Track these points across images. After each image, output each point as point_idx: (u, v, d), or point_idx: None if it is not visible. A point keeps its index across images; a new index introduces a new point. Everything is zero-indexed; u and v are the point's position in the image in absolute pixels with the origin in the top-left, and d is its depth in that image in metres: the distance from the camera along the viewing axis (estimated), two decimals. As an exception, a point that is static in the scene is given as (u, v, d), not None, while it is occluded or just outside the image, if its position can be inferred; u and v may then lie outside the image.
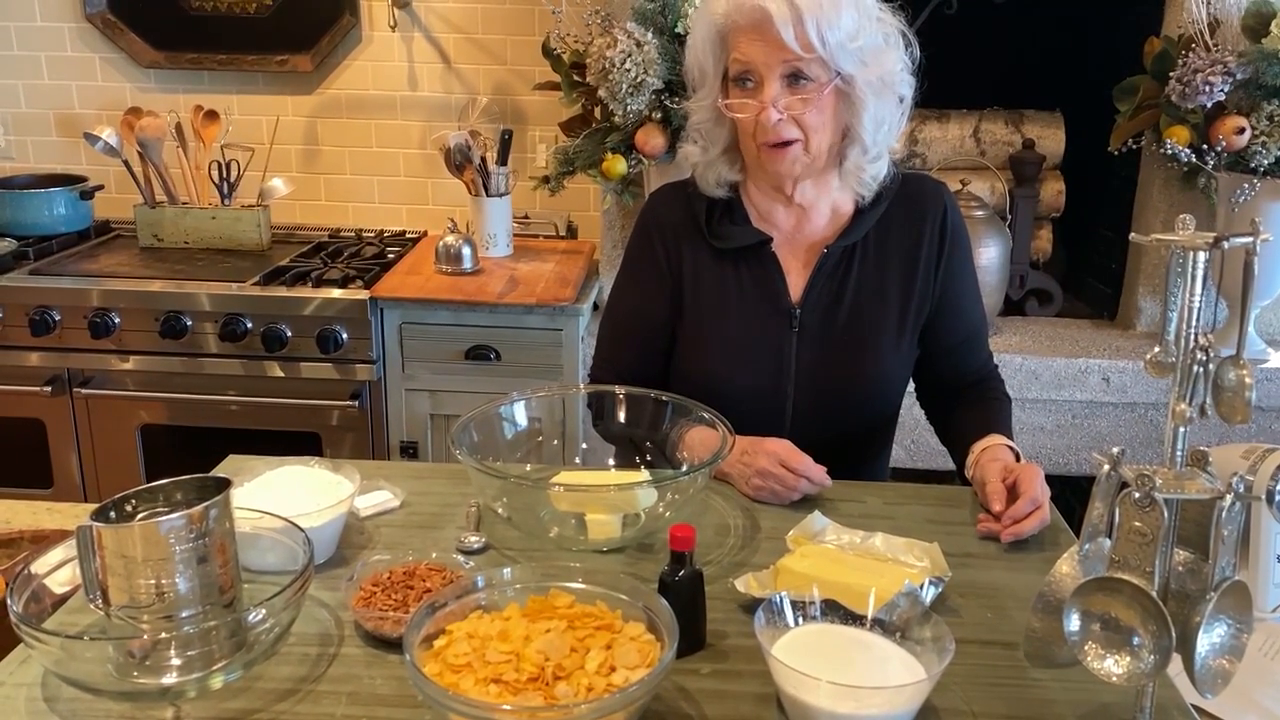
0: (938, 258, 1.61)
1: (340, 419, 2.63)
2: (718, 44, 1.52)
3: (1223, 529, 0.91)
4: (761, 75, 1.47)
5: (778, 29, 1.42)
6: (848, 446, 1.64)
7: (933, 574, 1.27)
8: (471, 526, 1.41)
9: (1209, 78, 2.25)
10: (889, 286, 1.61)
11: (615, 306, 1.73)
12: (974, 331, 1.69)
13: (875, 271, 1.60)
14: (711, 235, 1.62)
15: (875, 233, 1.60)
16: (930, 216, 1.61)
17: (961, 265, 1.64)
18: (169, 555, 1.07)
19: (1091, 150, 2.65)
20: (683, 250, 1.64)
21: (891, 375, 1.64)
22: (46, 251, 2.86)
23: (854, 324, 1.60)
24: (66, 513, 1.65)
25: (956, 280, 1.63)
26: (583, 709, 0.94)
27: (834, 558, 1.29)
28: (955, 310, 1.65)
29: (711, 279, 1.63)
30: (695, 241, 1.64)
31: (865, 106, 1.49)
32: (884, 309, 1.61)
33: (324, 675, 1.11)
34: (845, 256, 1.60)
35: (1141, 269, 2.64)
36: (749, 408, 1.57)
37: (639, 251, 1.69)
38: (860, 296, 1.60)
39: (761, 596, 1.16)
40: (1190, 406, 0.92)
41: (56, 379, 2.63)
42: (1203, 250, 0.90)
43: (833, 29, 1.43)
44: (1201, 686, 0.93)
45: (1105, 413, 2.54)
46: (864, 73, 1.47)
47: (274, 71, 3.10)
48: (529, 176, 2.79)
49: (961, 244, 1.64)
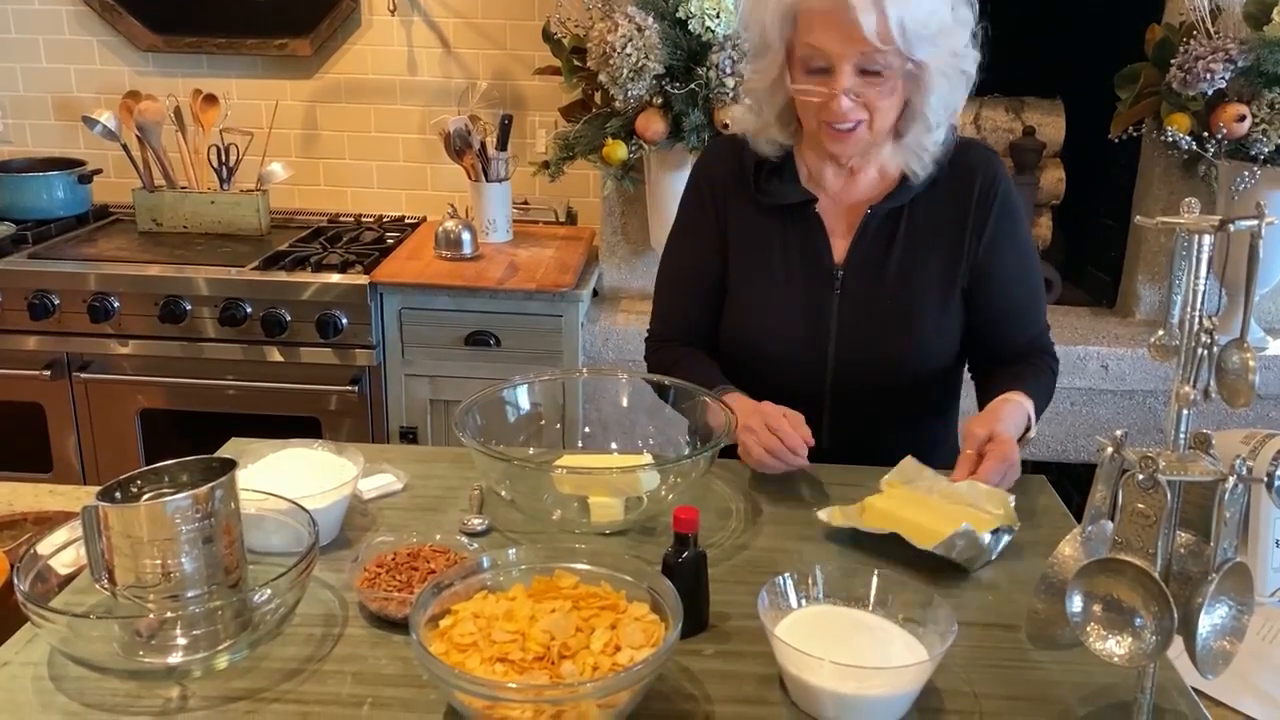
0: (981, 225, 1.57)
1: (340, 404, 2.63)
2: (788, 20, 1.46)
3: (1225, 511, 0.91)
4: (835, 64, 1.42)
5: (857, 16, 1.37)
6: (894, 415, 1.60)
7: (1004, 523, 1.32)
8: (475, 509, 1.41)
9: (1210, 65, 2.25)
10: (932, 251, 1.57)
11: (670, 262, 1.71)
12: (1020, 305, 1.63)
13: (920, 236, 1.57)
14: (758, 190, 1.60)
15: (922, 197, 1.56)
16: (978, 184, 1.57)
17: (1008, 236, 1.59)
18: (175, 535, 1.07)
19: (1092, 138, 2.65)
20: (729, 204, 1.62)
21: (933, 342, 1.60)
22: (45, 235, 2.85)
23: (898, 288, 1.57)
24: (69, 495, 1.65)
25: (1001, 251, 1.59)
26: (588, 688, 0.94)
27: (916, 500, 1.37)
28: (998, 281, 1.60)
29: (755, 235, 1.60)
30: (742, 196, 1.61)
31: (934, 89, 1.46)
32: (927, 274, 1.57)
33: (329, 655, 1.11)
34: (890, 219, 1.57)
35: (1141, 257, 2.64)
36: (789, 368, 1.56)
37: (691, 205, 1.67)
38: (905, 260, 1.57)
39: (843, 526, 1.33)
40: (1194, 389, 0.93)
41: (55, 363, 2.63)
42: (1208, 233, 0.90)
43: (911, 15, 1.38)
44: (1203, 667, 0.94)
45: (1104, 400, 2.54)
46: (935, 57, 1.43)
47: (273, 55, 3.09)
48: (529, 162, 2.79)
49: (1010, 215, 1.59)
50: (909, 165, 1.54)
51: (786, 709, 1.05)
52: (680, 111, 2.40)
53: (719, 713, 1.04)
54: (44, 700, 1.04)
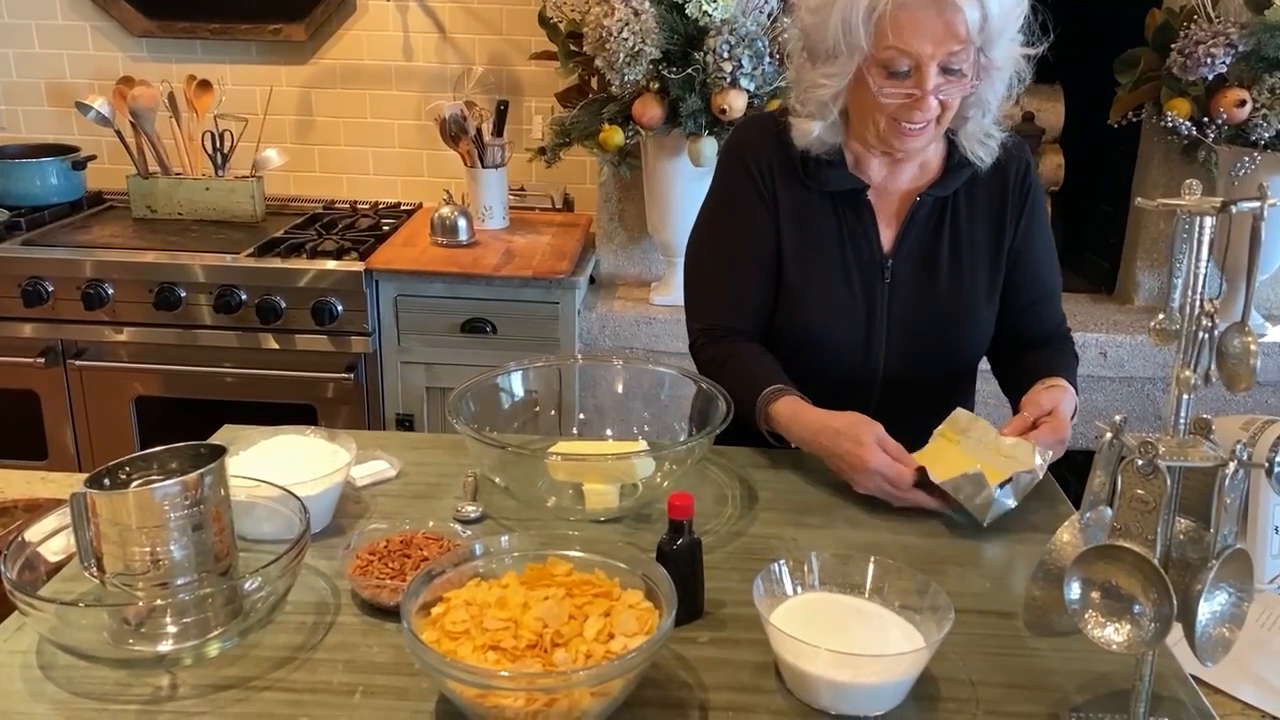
0: (1019, 213, 1.59)
1: (335, 391, 2.62)
2: (869, 25, 1.40)
3: (1225, 496, 0.90)
4: (923, 65, 1.40)
5: (960, 9, 1.36)
6: (936, 403, 1.56)
7: (1022, 468, 1.36)
8: (469, 496, 1.40)
9: (1210, 50, 2.24)
10: (979, 241, 1.58)
11: (718, 244, 1.62)
12: (1048, 290, 1.66)
13: (966, 225, 1.58)
14: (808, 176, 1.56)
15: (964, 186, 1.57)
16: (1014, 172, 1.59)
17: (1038, 223, 1.62)
18: (164, 522, 1.06)
19: (1091, 123, 2.64)
20: (778, 186, 1.56)
21: (982, 331, 1.62)
22: (39, 222, 2.84)
23: (951, 279, 1.57)
24: (61, 482, 1.64)
25: (1033, 237, 1.61)
26: (581, 676, 0.93)
27: (953, 447, 1.42)
28: (1031, 266, 1.62)
29: (809, 220, 1.57)
30: (791, 180, 1.56)
31: (1001, 78, 1.47)
32: (976, 262, 1.58)
33: (321, 643, 1.11)
34: (936, 208, 1.57)
35: (1140, 243, 2.63)
36: (841, 360, 1.56)
37: (737, 184, 1.59)
38: (953, 249, 1.57)
39: None
40: (1194, 374, 0.91)
41: (50, 350, 2.62)
42: (1210, 215, 0.89)
43: (1000, 7, 1.39)
44: (1202, 654, 0.93)
45: (1102, 387, 2.54)
46: (1005, 46, 1.44)
47: (268, 41, 3.07)
48: (525, 148, 2.77)
49: (1039, 202, 1.62)
50: (974, 152, 1.54)
51: (782, 697, 1.04)
52: (677, 97, 2.39)
53: (713, 700, 1.03)
54: (33, 689, 1.03)
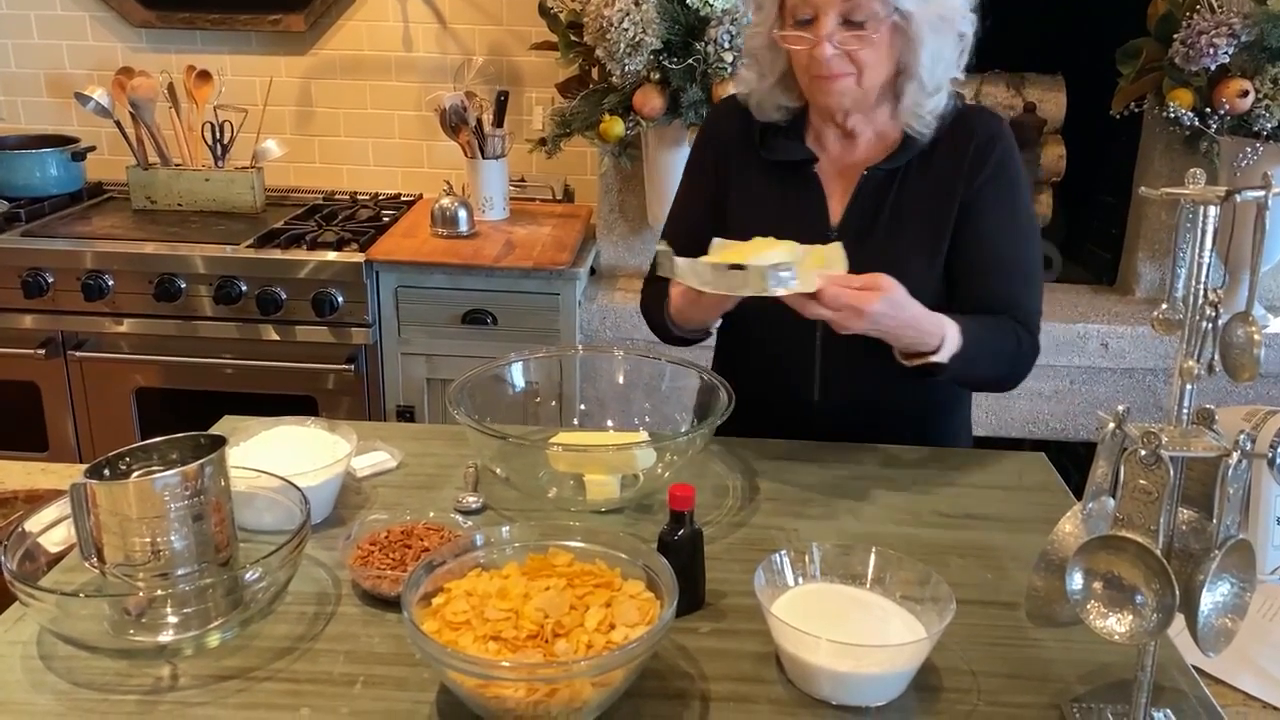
0: (971, 179, 1.54)
1: (336, 383, 2.62)
2: None
3: (1228, 487, 0.90)
4: (819, 13, 1.43)
5: None
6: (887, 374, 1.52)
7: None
8: (469, 487, 1.40)
9: (1213, 40, 2.23)
10: (923, 210, 1.55)
11: (674, 209, 1.76)
12: (1000, 262, 1.56)
13: (913, 196, 1.56)
14: (762, 146, 1.61)
15: (919, 160, 1.55)
16: (974, 144, 1.54)
17: (998, 197, 1.54)
18: (164, 513, 1.06)
19: (1093, 114, 2.63)
20: (733, 159, 1.64)
21: (917, 290, 1.50)
22: (38, 213, 2.83)
23: (886, 245, 1.55)
24: (61, 473, 1.64)
25: (986, 204, 1.54)
26: (582, 666, 0.93)
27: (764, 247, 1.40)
28: (978, 233, 1.55)
29: (756, 191, 1.61)
30: (747, 152, 1.63)
31: (923, 44, 1.45)
32: (916, 231, 1.55)
33: (321, 634, 1.10)
34: (886, 181, 1.56)
35: (1142, 234, 2.62)
36: (781, 324, 1.54)
37: (694, 157, 1.72)
38: (895, 219, 1.55)
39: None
40: (1198, 363, 0.91)
41: (50, 341, 2.62)
42: (1213, 204, 0.88)
43: None
44: (1204, 645, 0.93)
45: (1103, 378, 2.53)
46: (923, 10, 1.43)
47: (267, 31, 3.06)
48: (525, 139, 2.77)
49: (1004, 177, 1.54)
50: (910, 125, 1.53)
51: (783, 687, 1.04)
52: (678, 87, 2.38)
53: (714, 691, 1.03)
54: (33, 679, 1.03)
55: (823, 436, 1.59)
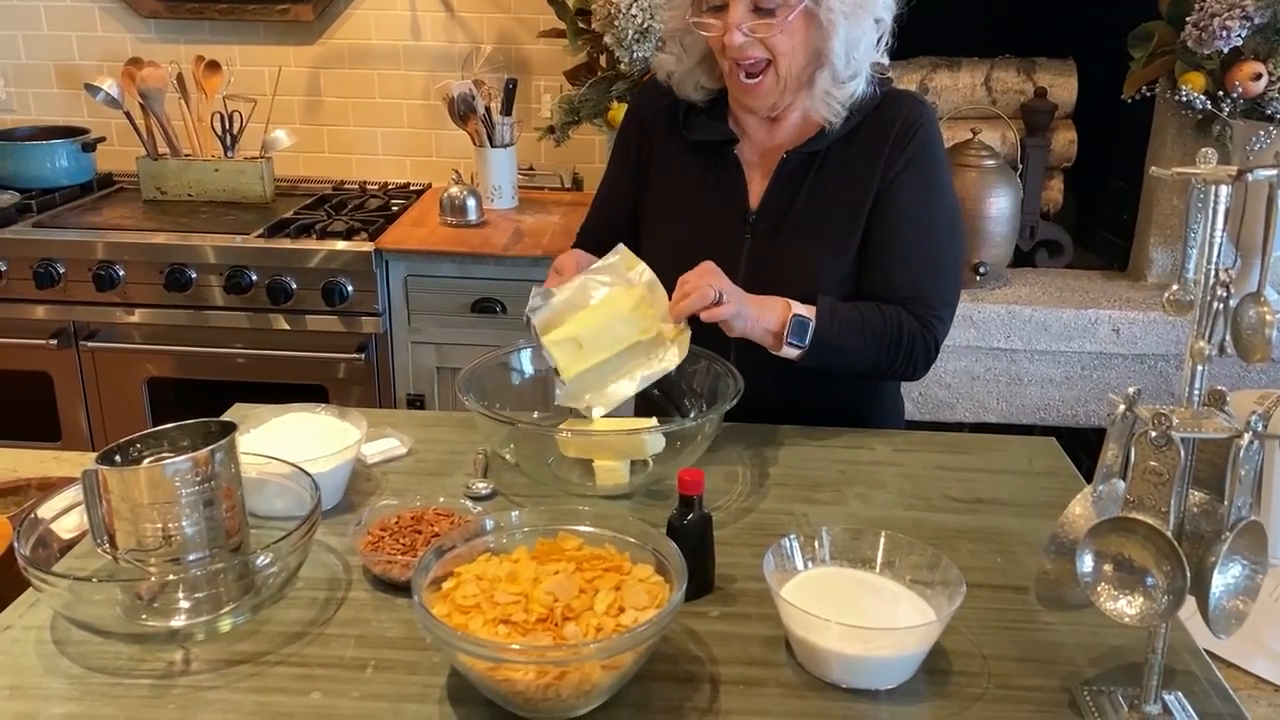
0: (890, 166, 1.52)
1: (346, 372, 2.63)
2: None
3: (1240, 468, 0.89)
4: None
5: None
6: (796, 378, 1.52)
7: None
8: (479, 473, 1.40)
9: (1226, 22, 2.21)
10: (840, 194, 1.54)
11: (596, 195, 1.80)
12: (904, 254, 1.53)
13: (830, 180, 1.55)
14: (684, 126, 1.62)
15: (839, 144, 1.54)
16: (896, 129, 1.52)
17: (913, 186, 1.52)
18: (175, 499, 1.07)
19: (1104, 99, 2.61)
20: (656, 139, 1.66)
21: (830, 283, 1.53)
22: (49, 204, 2.84)
23: (801, 228, 1.55)
24: (74, 461, 1.64)
25: (901, 190, 1.52)
26: (591, 649, 0.93)
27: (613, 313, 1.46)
28: (887, 219, 1.52)
29: (677, 172, 1.63)
30: (670, 132, 1.65)
31: (835, 30, 1.44)
32: (831, 214, 1.54)
33: (332, 618, 1.11)
34: (805, 164, 1.56)
35: (1153, 219, 2.61)
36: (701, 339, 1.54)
37: (619, 138, 1.74)
38: (812, 202, 1.55)
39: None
40: (1210, 344, 0.91)
41: (62, 332, 2.63)
42: (1225, 184, 0.88)
43: None
44: (1215, 627, 0.92)
45: (1115, 364, 2.52)
46: None
47: (275, 21, 3.06)
48: (534, 127, 2.77)
49: (923, 164, 1.52)
50: (819, 114, 1.53)
51: (792, 671, 1.04)
52: (686, 74, 2.37)
53: (724, 674, 1.03)
54: (47, 664, 1.04)
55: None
